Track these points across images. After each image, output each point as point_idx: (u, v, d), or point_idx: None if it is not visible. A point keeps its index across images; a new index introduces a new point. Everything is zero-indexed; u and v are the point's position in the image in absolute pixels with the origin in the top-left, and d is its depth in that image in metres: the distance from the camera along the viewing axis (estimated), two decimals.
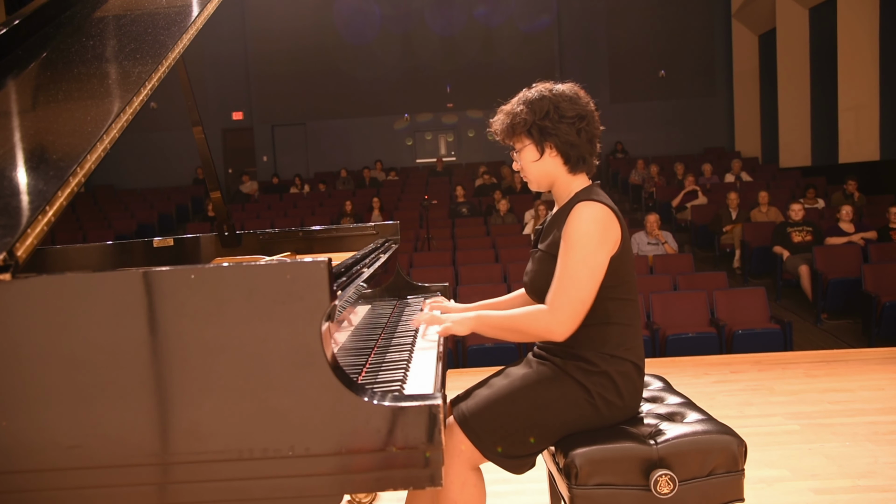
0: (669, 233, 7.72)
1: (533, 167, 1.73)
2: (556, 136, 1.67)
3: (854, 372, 4.25)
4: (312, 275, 1.22)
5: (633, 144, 14.27)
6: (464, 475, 1.60)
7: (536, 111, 1.68)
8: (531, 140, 1.70)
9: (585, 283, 1.58)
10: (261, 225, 10.13)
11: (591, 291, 1.59)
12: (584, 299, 1.59)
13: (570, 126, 1.67)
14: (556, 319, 1.59)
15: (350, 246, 2.65)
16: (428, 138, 15.26)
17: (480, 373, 1.91)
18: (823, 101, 10.99)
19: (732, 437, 1.58)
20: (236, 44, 14.59)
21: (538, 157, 1.71)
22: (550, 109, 1.67)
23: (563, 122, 1.67)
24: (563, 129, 1.67)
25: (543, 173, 1.73)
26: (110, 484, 1.23)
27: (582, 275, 1.57)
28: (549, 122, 1.67)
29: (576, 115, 1.68)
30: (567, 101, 1.69)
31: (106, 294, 1.22)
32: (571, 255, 1.59)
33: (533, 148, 1.71)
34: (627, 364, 1.66)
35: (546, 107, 1.68)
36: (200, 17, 1.87)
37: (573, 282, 1.58)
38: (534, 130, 1.69)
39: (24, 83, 1.74)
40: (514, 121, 1.71)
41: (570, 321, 1.59)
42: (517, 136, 1.73)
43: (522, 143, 1.73)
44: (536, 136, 1.69)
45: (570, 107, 1.68)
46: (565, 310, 1.58)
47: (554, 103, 1.68)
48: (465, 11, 14.30)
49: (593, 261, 1.58)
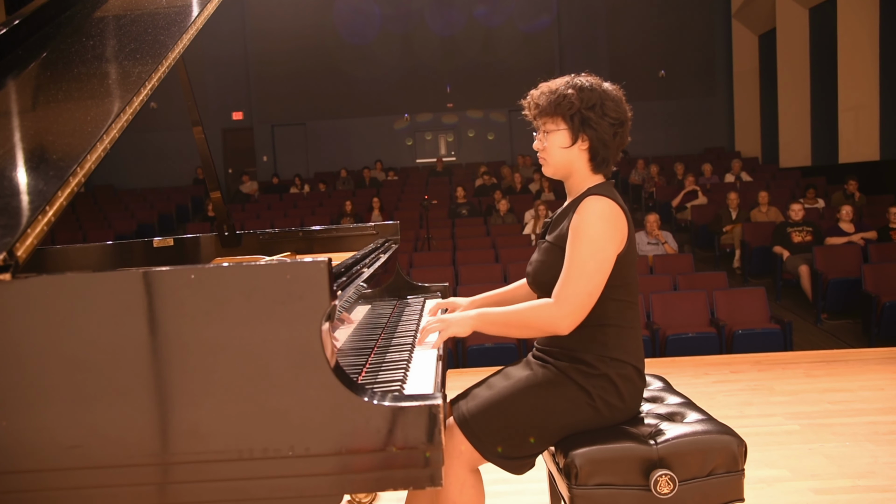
0: (669, 233, 7.71)
1: (559, 153, 1.70)
2: (594, 130, 1.66)
3: (854, 372, 4.25)
4: (312, 275, 1.22)
5: (632, 144, 13.86)
6: (463, 476, 1.60)
7: (585, 99, 1.66)
8: (568, 125, 1.67)
9: (592, 276, 1.57)
10: (261, 225, 10.12)
11: (598, 285, 1.58)
12: (591, 292, 1.58)
13: (610, 126, 1.67)
14: (561, 311, 1.57)
15: (350, 246, 2.65)
16: (428, 138, 15.24)
17: (480, 373, 1.91)
18: (823, 101, 10.99)
19: (732, 437, 1.58)
20: (236, 44, 14.59)
21: (569, 144, 1.68)
22: (598, 103, 1.66)
23: (605, 119, 1.66)
24: (604, 127, 1.66)
25: (567, 162, 1.70)
26: (110, 484, 1.23)
27: (590, 267, 1.56)
28: (594, 115, 1.66)
29: (617, 119, 1.68)
30: (612, 101, 1.68)
31: (106, 294, 1.22)
32: (580, 247, 1.57)
33: (567, 134, 1.68)
34: (628, 367, 1.65)
35: (595, 99, 1.66)
36: (200, 17, 1.87)
37: (581, 274, 1.56)
38: (576, 117, 1.66)
39: (24, 83, 1.74)
40: (561, 101, 1.67)
41: (575, 314, 1.58)
42: (555, 117, 1.69)
43: (557, 126, 1.69)
44: (577, 123, 1.66)
45: (614, 107, 1.68)
46: (572, 301, 1.57)
47: (602, 98, 1.67)
48: (465, 11, 14.30)
49: (602, 254, 1.57)
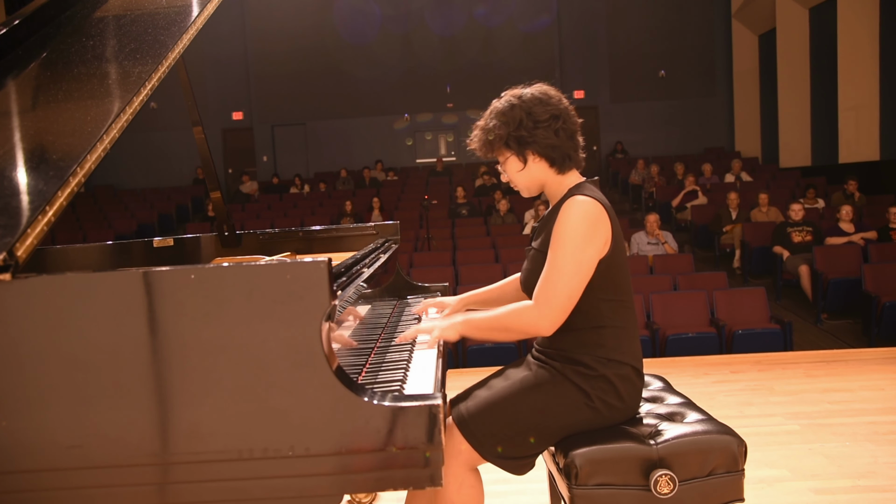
0: (669, 233, 7.71)
1: (520, 176, 1.71)
2: (534, 143, 1.65)
3: (854, 372, 4.24)
4: (312, 275, 1.22)
5: (633, 144, 14.27)
6: (461, 476, 1.60)
7: (510, 122, 1.66)
8: (511, 151, 1.68)
9: (571, 278, 1.56)
10: (261, 225, 10.12)
11: (577, 287, 1.57)
12: (571, 294, 1.57)
13: (546, 129, 1.65)
14: (541, 314, 1.57)
15: (350, 246, 2.65)
16: (428, 138, 15.25)
17: (480, 373, 1.91)
18: (823, 101, 10.99)
19: (732, 437, 1.58)
20: (236, 44, 14.59)
21: (522, 166, 1.69)
22: (523, 117, 1.65)
23: (539, 128, 1.64)
24: (541, 134, 1.65)
25: (531, 179, 1.71)
26: (110, 484, 1.23)
27: (569, 269, 1.55)
28: (525, 131, 1.65)
29: (550, 117, 1.65)
30: (538, 104, 1.66)
31: (106, 294, 1.22)
32: (559, 249, 1.57)
33: (515, 158, 1.69)
34: (627, 368, 1.65)
35: (518, 115, 1.65)
36: (200, 17, 1.87)
37: (560, 276, 1.56)
38: (511, 142, 1.67)
39: (24, 83, 1.74)
40: (490, 136, 1.69)
41: (555, 316, 1.57)
42: (497, 150, 1.72)
43: (504, 156, 1.71)
44: (515, 146, 1.67)
45: (542, 110, 1.65)
46: (551, 304, 1.56)
47: (525, 110, 1.65)
48: (465, 11, 14.30)
49: (581, 255, 1.56)
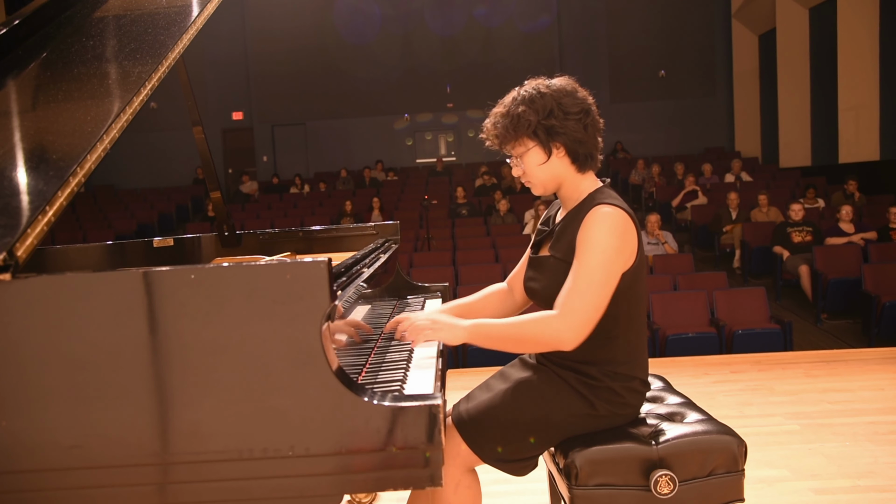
0: (669, 233, 7.71)
1: (539, 170, 1.61)
2: (564, 135, 1.56)
3: (854, 372, 4.24)
4: (312, 275, 1.22)
5: (633, 144, 14.26)
6: (458, 477, 1.59)
7: (539, 110, 1.56)
8: (536, 141, 1.58)
9: (601, 289, 1.49)
10: (261, 225, 10.12)
11: (605, 298, 1.51)
12: (599, 306, 1.50)
13: (576, 122, 1.56)
14: (567, 325, 1.49)
15: (350, 246, 2.64)
16: (428, 138, 15.25)
17: (480, 373, 1.91)
18: (823, 101, 10.99)
19: (732, 437, 1.58)
20: (236, 44, 14.59)
21: (545, 158, 1.59)
22: (554, 107, 1.56)
23: (569, 119, 1.56)
24: (571, 126, 1.56)
25: (551, 176, 1.62)
26: (110, 484, 1.23)
27: (600, 279, 1.49)
28: (556, 121, 1.56)
29: (580, 111, 1.57)
30: (568, 96, 1.58)
31: (106, 294, 1.22)
32: (590, 260, 1.49)
33: (539, 150, 1.59)
34: (635, 381, 1.62)
35: (549, 104, 1.56)
36: (200, 17, 1.87)
37: (590, 286, 1.48)
38: (539, 131, 1.56)
39: (24, 83, 1.74)
40: (517, 122, 1.58)
41: (582, 328, 1.50)
42: (518, 140, 1.60)
43: (526, 146, 1.60)
44: (543, 136, 1.57)
45: (572, 102, 1.57)
46: (579, 315, 1.49)
47: (556, 100, 1.56)
48: (465, 11, 14.29)
49: (611, 267, 1.50)
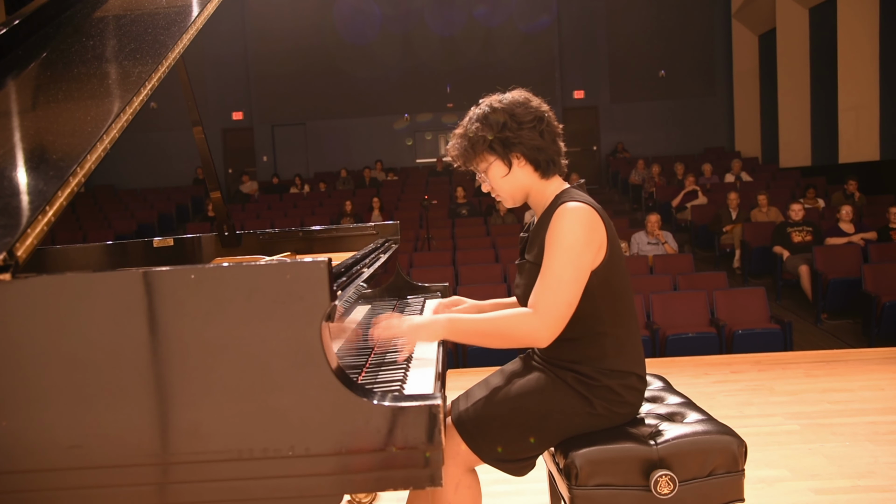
0: (669, 233, 7.71)
1: (504, 183, 1.67)
2: (521, 144, 1.62)
3: (854, 372, 4.24)
4: (312, 275, 1.22)
5: (633, 144, 14.28)
6: (458, 477, 1.60)
7: (493, 125, 1.62)
8: (496, 155, 1.64)
9: (571, 286, 1.53)
10: (261, 225, 10.12)
11: (576, 294, 1.55)
12: (570, 302, 1.54)
13: (531, 130, 1.62)
14: (542, 322, 1.53)
15: (350, 246, 2.64)
16: (428, 138, 15.24)
17: (480, 373, 1.91)
18: (823, 101, 10.99)
19: (732, 438, 1.58)
20: (236, 44, 14.59)
21: (507, 170, 1.65)
22: (507, 120, 1.62)
23: (523, 129, 1.62)
24: (526, 135, 1.62)
25: (516, 187, 1.67)
26: (110, 484, 1.23)
27: (568, 276, 1.53)
28: (510, 132, 1.61)
29: (534, 118, 1.63)
30: (520, 106, 1.64)
31: (106, 294, 1.22)
32: (557, 257, 1.54)
33: (499, 163, 1.65)
34: (631, 377, 1.63)
35: (501, 118, 1.62)
36: (200, 17, 1.87)
37: (560, 284, 1.53)
38: (496, 145, 1.63)
39: (24, 83, 1.74)
40: (474, 140, 1.64)
41: (555, 324, 1.54)
42: (479, 156, 1.66)
43: (487, 162, 1.66)
44: (500, 149, 1.63)
45: (524, 111, 1.63)
46: (551, 312, 1.53)
47: (508, 112, 1.62)
48: (465, 11, 14.29)
49: (579, 261, 1.54)
